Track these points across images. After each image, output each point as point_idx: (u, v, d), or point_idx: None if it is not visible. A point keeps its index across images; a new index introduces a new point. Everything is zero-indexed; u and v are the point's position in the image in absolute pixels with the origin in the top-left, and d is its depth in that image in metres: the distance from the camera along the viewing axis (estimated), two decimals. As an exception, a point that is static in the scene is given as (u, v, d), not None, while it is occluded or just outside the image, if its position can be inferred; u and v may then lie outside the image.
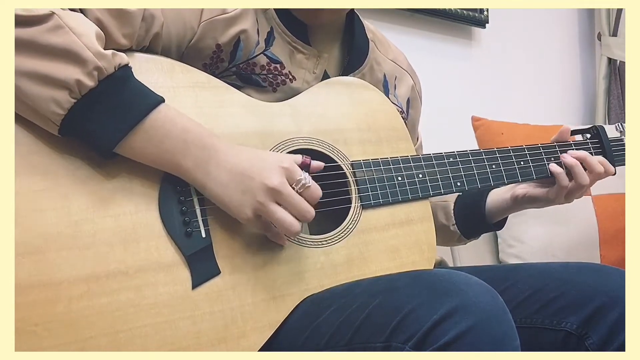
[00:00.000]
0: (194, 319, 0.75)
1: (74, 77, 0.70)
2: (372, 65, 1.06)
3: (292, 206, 0.77)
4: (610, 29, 2.45)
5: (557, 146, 1.08)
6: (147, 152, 0.76)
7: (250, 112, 0.88)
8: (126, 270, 0.73)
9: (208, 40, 0.88)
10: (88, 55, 0.71)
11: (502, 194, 1.12)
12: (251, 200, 0.76)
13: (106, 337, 0.70)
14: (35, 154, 0.73)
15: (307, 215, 0.78)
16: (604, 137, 1.12)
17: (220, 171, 0.77)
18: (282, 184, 0.76)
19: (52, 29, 0.71)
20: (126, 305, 0.72)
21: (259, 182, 0.76)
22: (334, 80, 0.98)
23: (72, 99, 0.71)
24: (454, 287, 0.71)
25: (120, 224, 0.74)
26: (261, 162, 0.78)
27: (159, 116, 0.75)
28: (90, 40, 0.72)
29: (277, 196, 0.76)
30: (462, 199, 1.15)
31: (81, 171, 0.74)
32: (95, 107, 0.72)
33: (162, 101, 0.76)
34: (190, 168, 0.77)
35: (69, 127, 0.72)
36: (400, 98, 1.11)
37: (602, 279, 0.90)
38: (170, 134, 0.76)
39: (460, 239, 1.17)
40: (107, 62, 0.72)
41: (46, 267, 0.69)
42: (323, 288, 0.84)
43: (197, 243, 0.78)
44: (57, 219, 0.71)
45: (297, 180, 0.77)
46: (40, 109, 0.71)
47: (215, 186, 0.77)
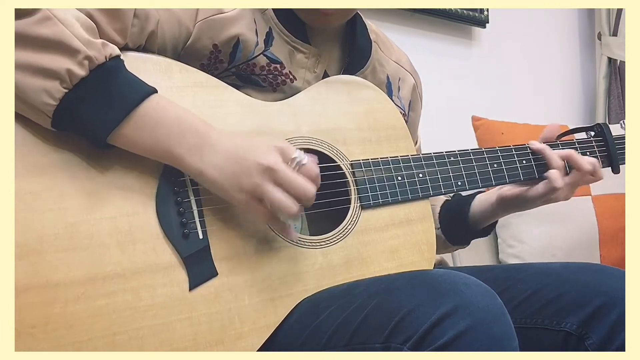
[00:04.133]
0: (191, 321, 0.75)
1: (64, 67, 0.70)
2: (374, 67, 1.05)
3: (289, 184, 0.75)
4: (610, 29, 2.45)
5: (560, 144, 1.07)
6: (141, 142, 0.75)
7: (248, 112, 0.87)
8: (123, 272, 0.73)
9: (205, 40, 0.88)
10: (77, 45, 0.71)
11: (488, 197, 1.10)
12: (247, 181, 0.75)
13: (103, 339, 0.70)
14: (31, 155, 0.72)
15: (306, 192, 0.76)
16: (608, 135, 1.10)
17: (214, 155, 0.76)
18: (277, 162, 0.75)
19: (40, 20, 0.70)
20: (123, 307, 0.72)
21: (253, 162, 0.75)
22: (333, 79, 0.97)
23: (63, 89, 0.71)
24: (452, 288, 0.71)
25: (117, 225, 0.74)
26: (255, 142, 0.77)
27: (152, 104, 0.75)
28: (79, 31, 0.72)
29: (273, 174, 0.75)
30: (448, 203, 1.14)
31: (78, 172, 0.74)
32: (87, 96, 0.72)
33: (154, 91, 0.76)
34: (184, 154, 0.76)
35: (61, 119, 0.72)
36: (403, 100, 1.11)
37: (602, 279, 0.90)
38: (163, 122, 0.75)
39: (445, 244, 1.14)
40: (97, 51, 0.72)
41: (43, 269, 0.69)
42: (321, 289, 0.84)
43: (194, 244, 0.77)
44: (53, 221, 0.71)
45: (292, 158, 0.76)
46: (32, 100, 0.70)
47: (209, 170, 0.76)
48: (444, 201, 1.15)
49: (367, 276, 0.86)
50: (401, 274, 0.80)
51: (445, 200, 1.15)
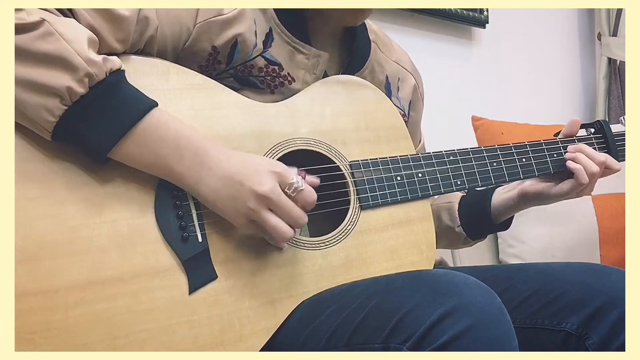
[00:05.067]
0: (191, 324, 0.75)
1: (64, 84, 0.70)
2: (373, 67, 1.05)
3: (284, 212, 0.77)
4: (610, 29, 2.45)
5: (559, 142, 1.07)
6: (140, 158, 0.75)
7: (246, 114, 0.87)
8: (122, 276, 0.73)
9: (203, 42, 0.87)
10: (79, 62, 0.70)
11: (508, 192, 1.10)
12: (242, 206, 0.76)
13: (103, 342, 0.70)
14: (31, 161, 0.72)
15: (299, 221, 0.78)
16: (608, 132, 1.11)
17: (212, 176, 0.76)
18: (272, 190, 0.76)
19: (42, 36, 0.70)
20: (123, 311, 0.72)
21: (249, 188, 0.75)
22: (331, 79, 0.97)
23: (63, 106, 0.71)
24: (452, 288, 0.71)
25: (117, 229, 0.74)
26: (252, 167, 0.77)
27: (152, 121, 0.75)
28: (81, 47, 0.71)
29: (268, 202, 0.76)
30: (467, 199, 1.14)
31: (77, 177, 0.74)
32: (87, 113, 0.72)
33: (155, 105, 0.76)
34: (183, 173, 0.76)
35: (61, 134, 0.72)
36: (403, 100, 1.10)
37: (602, 279, 0.90)
38: (163, 139, 0.75)
39: (465, 240, 1.15)
40: (98, 68, 0.72)
41: (42, 275, 0.69)
42: (321, 290, 0.84)
43: (193, 248, 0.77)
44: (52, 226, 0.71)
45: (289, 184, 0.77)
46: (32, 116, 0.70)
47: (206, 192, 0.77)
48: (461, 197, 1.15)
49: (367, 277, 0.86)
50: (401, 274, 0.80)
51: (462, 197, 1.15)
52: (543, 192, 1.06)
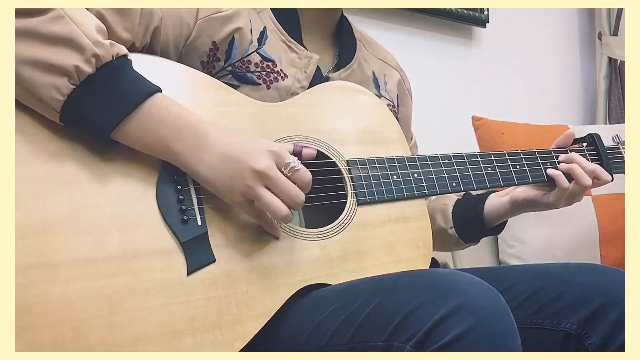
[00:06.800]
0: (188, 304, 0.76)
1: (73, 64, 0.73)
2: (360, 62, 1.09)
3: (280, 189, 0.78)
4: (610, 29, 2.45)
5: (552, 152, 1.10)
6: (143, 139, 0.77)
7: (247, 112, 0.89)
8: (123, 255, 0.74)
9: (204, 38, 0.91)
10: (86, 43, 0.73)
11: (500, 197, 1.12)
12: (240, 184, 0.77)
13: (101, 318, 0.71)
14: (39, 142, 0.75)
15: (296, 199, 0.78)
16: (600, 145, 1.13)
17: (211, 156, 0.78)
18: (269, 167, 0.77)
19: (53, 19, 0.73)
20: (122, 289, 0.73)
21: (247, 166, 0.77)
22: (330, 84, 1.00)
23: (71, 85, 0.73)
24: (455, 287, 0.71)
25: (119, 210, 0.76)
26: (250, 146, 0.79)
27: (155, 103, 0.77)
28: (89, 30, 0.74)
29: (265, 179, 0.77)
30: (461, 202, 1.16)
31: (83, 160, 0.76)
32: (93, 93, 0.74)
33: (158, 90, 0.78)
34: (183, 153, 0.78)
35: (68, 114, 0.74)
36: (391, 93, 1.14)
37: (602, 279, 0.90)
38: (164, 121, 0.77)
39: (458, 242, 1.16)
40: (105, 50, 0.75)
41: (45, 250, 0.71)
42: (319, 280, 0.85)
43: (192, 230, 0.79)
44: (58, 205, 0.73)
45: (285, 163, 0.78)
46: (42, 95, 0.73)
47: (205, 170, 0.78)
48: (456, 200, 1.16)
49: (364, 269, 0.88)
50: (403, 273, 0.80)
51: (457, 200, 1.16)
52: (533, 199, 1.09)
